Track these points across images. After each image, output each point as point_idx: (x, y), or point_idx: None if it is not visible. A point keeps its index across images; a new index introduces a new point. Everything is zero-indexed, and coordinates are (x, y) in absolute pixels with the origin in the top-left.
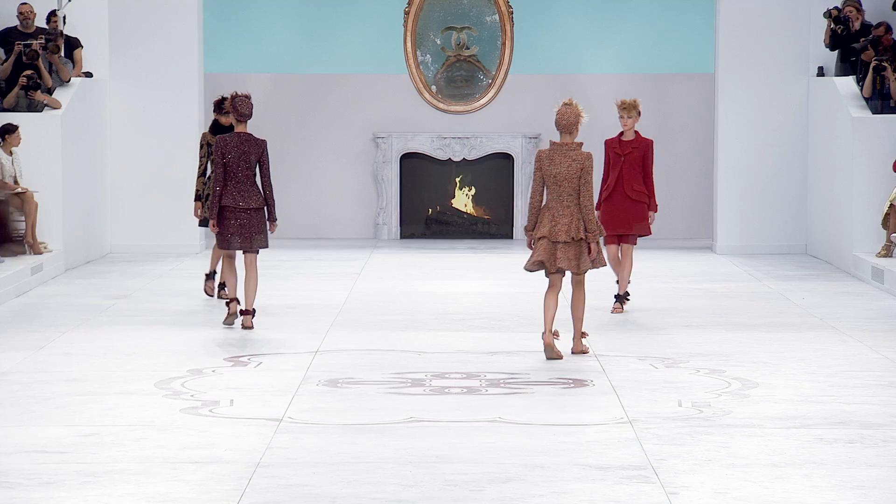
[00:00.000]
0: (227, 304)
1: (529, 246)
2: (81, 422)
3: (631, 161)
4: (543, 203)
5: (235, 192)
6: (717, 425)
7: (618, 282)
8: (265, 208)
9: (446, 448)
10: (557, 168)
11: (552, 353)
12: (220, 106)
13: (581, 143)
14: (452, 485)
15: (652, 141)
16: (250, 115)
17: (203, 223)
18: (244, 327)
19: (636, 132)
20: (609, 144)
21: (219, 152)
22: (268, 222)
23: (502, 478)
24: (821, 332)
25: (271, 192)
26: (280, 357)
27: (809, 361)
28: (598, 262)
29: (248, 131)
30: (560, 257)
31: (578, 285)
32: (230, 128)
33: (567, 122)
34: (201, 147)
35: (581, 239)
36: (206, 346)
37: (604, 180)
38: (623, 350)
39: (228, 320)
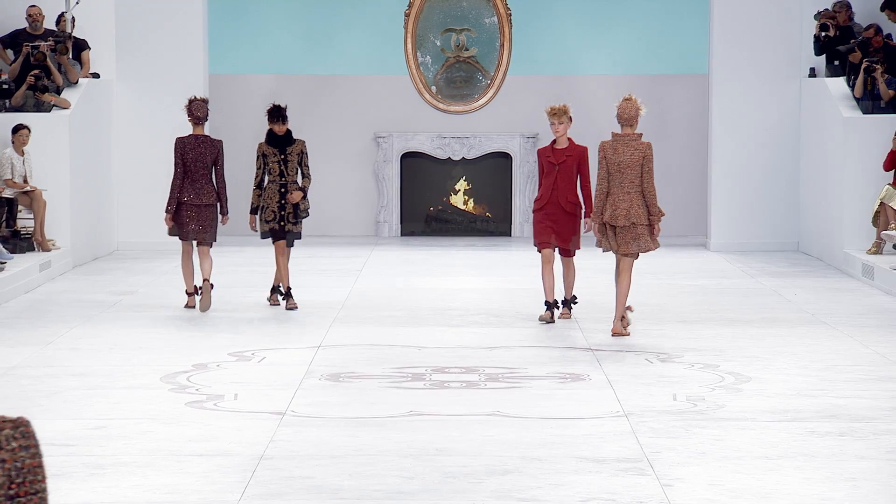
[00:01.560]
0: (188, 296)
1: (596, 232)
2: (89, 415)
3: (565, 170)
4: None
5: (192, 189)
6: (711, 419)
7: (547, 295)
8: (218, 204)
9: (446, 441)
10: (621, 157)
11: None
12: (274, 115)
13: (641, 134)
14: (452, 477)
15: (586, 148)
16: (206, 118)
17: (265, 235)
18: (188, 306)
19: (569, 139)
20: (542, 153)
21: (178, 153)
22: (219, 215)
23: (501, 470)
24: (812, 327)
25: (224, 188)
26: (283, 352)
27: (801, 356)
28: (652, 245)
29: (207, 133)
30: (622, 239)
31: (626, 270)
32: (286, 136)
33: (628, 115)
34: (257, 158)
35: (638, 224)
36: (211, 342)
37: (538, 190)
38: (619, 345)
39: (190, 305)
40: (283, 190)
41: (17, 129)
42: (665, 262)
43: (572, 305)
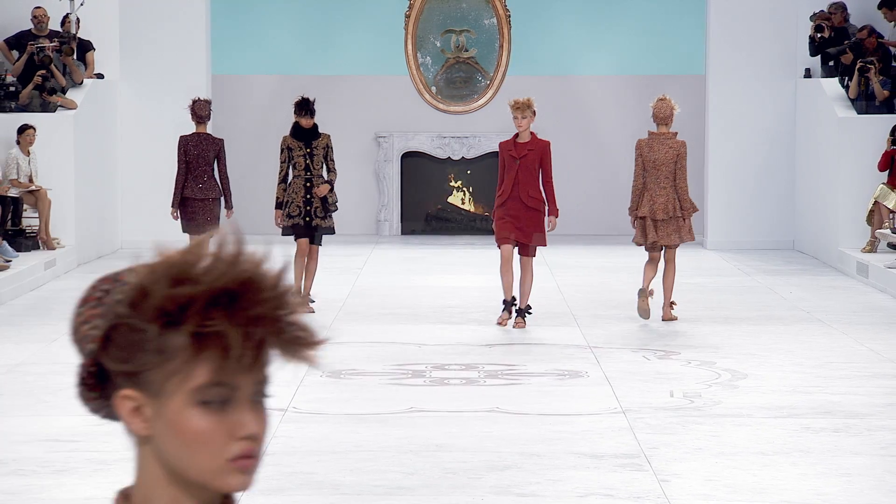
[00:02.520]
0: None
1: (634, 225)
2: None
3: (527, 164)
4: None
5: (195, 185)
6: (707, 415)
7: (513, 300)
8: (222, 198)
9: (446, 437)
10: (656, 154)
11: (645, 312)
12: (302, 107)
13: (676, 132)
14: (452, 472)
15: (549, 142)
16: (208, 117)
17: (286, 231)
18: None
19: (532, 133)
20: (503, 147)
21: (181, 150)
22: (225, 209)
23: (500, 466)
24: (807, 324)
25: (228, 183)
26: None
27: (796, 353)
28: (689, 237)
29: (209, 131)
30: (661, 232)
31: (670, 260)
32: (313, 130)
33: (663, 114)
34: (282, 152)
35: (678, 217)
36: None
37: (498, 185)
38: (616, 342)
39: None
40: (308, 184)
41: (23, 129)
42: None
43: (526, 315)
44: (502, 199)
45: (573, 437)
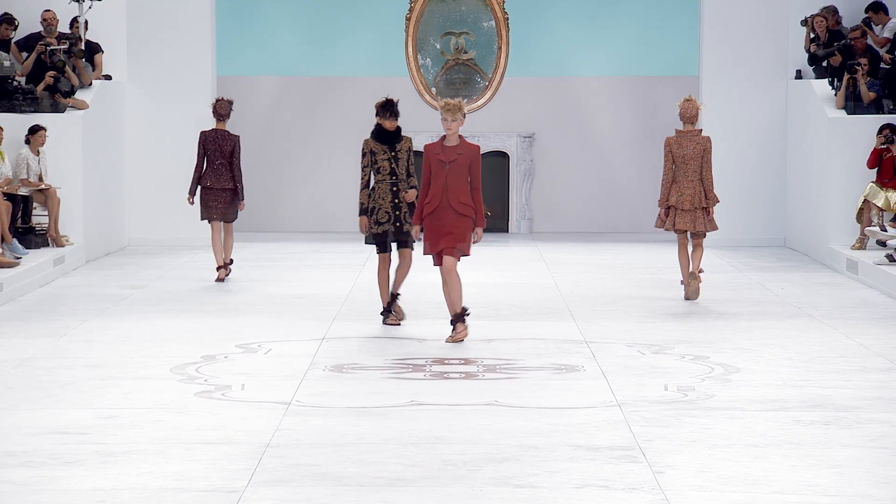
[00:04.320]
0: (217, 269)
1: (663, 217)
2: (101, 405)
3: (456, 169)
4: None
5: (213, 176)
6: (700, 408)
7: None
8: (236, 189)
9: (445, 430)
10: (684, 150)
11: (694, 293)
12: (386, 109)
13: (701, 130)
14: (451, 464)
15: (479, 147)
16: (227, 115)
17: (372, 239)
18: (218, 280)
19: (461, 137)
20: (430, 150)
21: (200, 144)
22: (238, 200)
23: (498, 458)
24: (798, 320)
25: (240, 176)
26: (288, 344)
27: (788, 348)
28: (711, 226)
29: (227, 128)
30: (688, 221)
31: (698, 245)
32: (396, 132)
33: (690, 113)
34: (364, 156)
35: (703, 207)
36: (219, 334)
37: (423, 191)
38: (612, 337)
39: (220, 278)
40: (394, 189)
41: (36, 130)
42: (657, 257)
43: (465, 317)
44: (431, 206)
45: (570, 430)
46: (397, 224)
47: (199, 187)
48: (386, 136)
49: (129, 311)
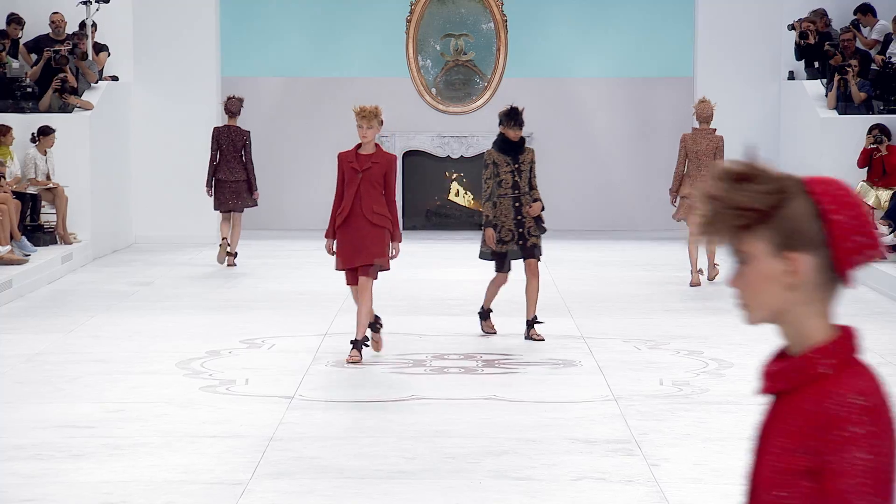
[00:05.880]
0: (220, 247)
1: (673, 203)
2: (108, 399)
3: (370, 178)
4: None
5: (226, 169)
6: (695, 402)
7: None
8: (248, 181)
9: (445, 423)
10: (699, 146)
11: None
12: (511, 117)
13: (715, 129)
14: (451, 457)
15: (395, 157)
16: (238, 112)
17: (485, 256)
18: (228, 265)
19: (377, 145)
20: (343, 159)
21: (214, 139)
22: (249, 192)
23: (497, 451)
24: None
25: (252, 169)
26: (292, 339)
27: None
28: None
29: (238, 124)
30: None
31: None
32: (520, 143)
33: (706, 113)
34: (486, 167)
35: None
36: (224, 330)
37: (336, 202)
38: (609, 333)
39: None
40: (517, 204)
41: (48, 132)
42: (652, 254)
43: (364, 346)
44: (343, 216)
45: (567, 424)
46: (520, 242)
47: (213, 179)
48: (510, 147)
49: (136, 307)
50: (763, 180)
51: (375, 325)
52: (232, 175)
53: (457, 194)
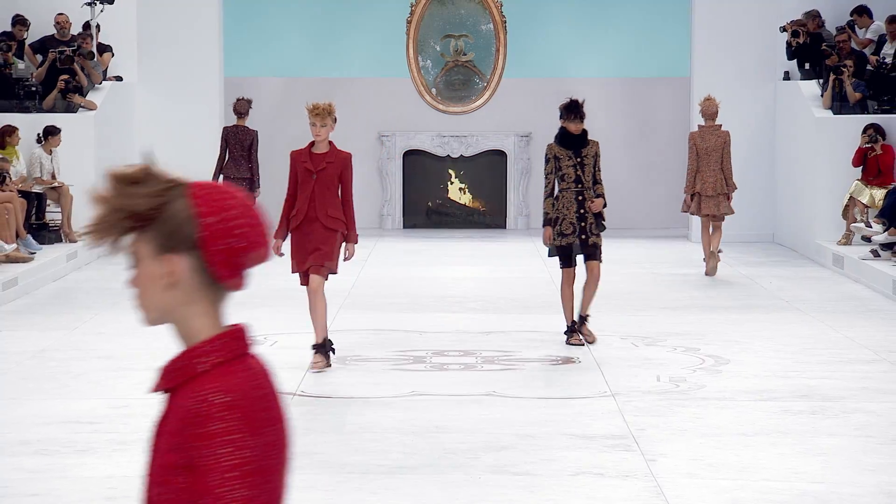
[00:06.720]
0: None
1: (689, 202)
2: (113, 395)
3: (325, 179)
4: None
5: (233, 166)
6: (692, 398)
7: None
8: (253, 178)
9: (445, 419)
10: (707, 143)
11: (713, 270)
12: (571, 110)
13: (721, 125)
14: (451, 453)
15: (350, 155)
16: (246, 113)
17: (552, 253)
18: None
19: (331, 143)
20: (296, 158)
21: (223, 138)
22: (253, 189)
23: (496, 446)
24: (786, 313)
25: (257, 167)
26: (294, 336)
27: (776, 340)
28: (729, 210)
29: (246, 125)
30: (710, 206)
31: (717, 227)
32: (582, 136)
33: (711, 111)
34: (547, 162)
35: (723, 193)
36: None
37: (288, 203)
38: (606, 330)
39: None
40: (580, 198)
41: (54, 133)
42: (650, 252)
43: (330, 351)
44: (297, 219)
45: (565, 420)
46: (583, 236)
47: (221, 177)
48: (571, 141)
49: None
50: (150, 184)
51: (325, 346)
52: (238, 172)
53: (461, 198)
